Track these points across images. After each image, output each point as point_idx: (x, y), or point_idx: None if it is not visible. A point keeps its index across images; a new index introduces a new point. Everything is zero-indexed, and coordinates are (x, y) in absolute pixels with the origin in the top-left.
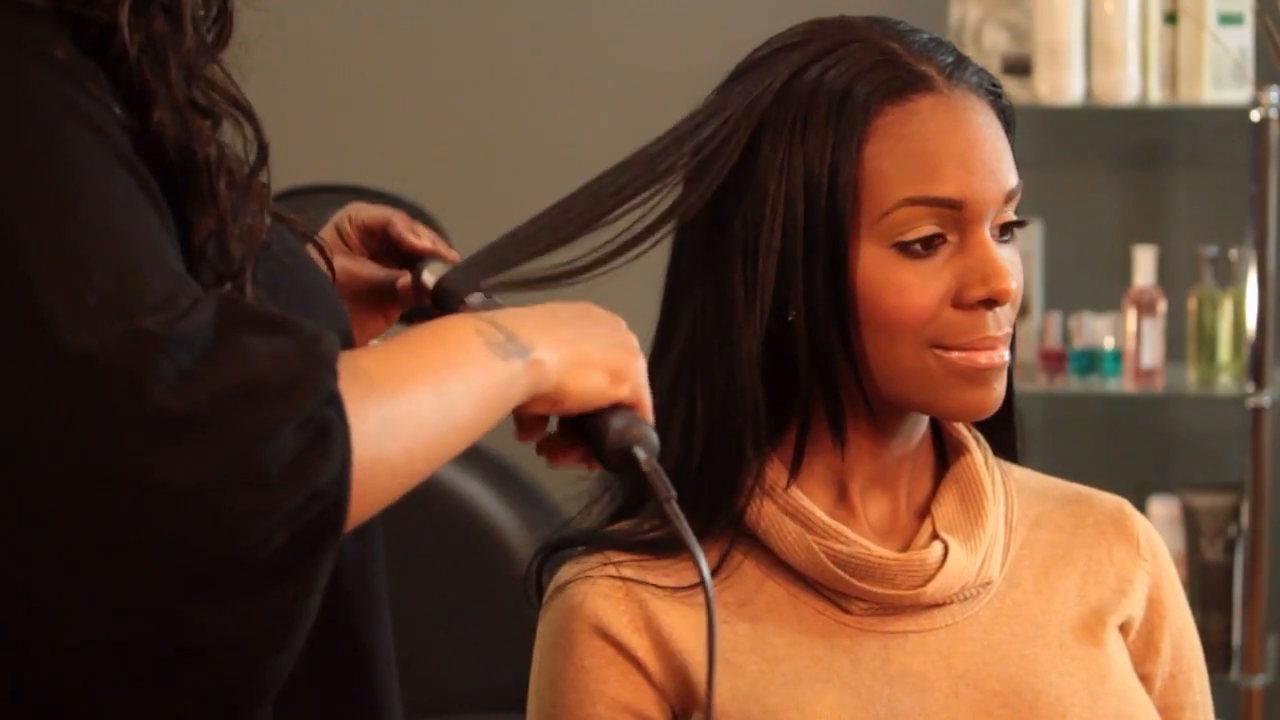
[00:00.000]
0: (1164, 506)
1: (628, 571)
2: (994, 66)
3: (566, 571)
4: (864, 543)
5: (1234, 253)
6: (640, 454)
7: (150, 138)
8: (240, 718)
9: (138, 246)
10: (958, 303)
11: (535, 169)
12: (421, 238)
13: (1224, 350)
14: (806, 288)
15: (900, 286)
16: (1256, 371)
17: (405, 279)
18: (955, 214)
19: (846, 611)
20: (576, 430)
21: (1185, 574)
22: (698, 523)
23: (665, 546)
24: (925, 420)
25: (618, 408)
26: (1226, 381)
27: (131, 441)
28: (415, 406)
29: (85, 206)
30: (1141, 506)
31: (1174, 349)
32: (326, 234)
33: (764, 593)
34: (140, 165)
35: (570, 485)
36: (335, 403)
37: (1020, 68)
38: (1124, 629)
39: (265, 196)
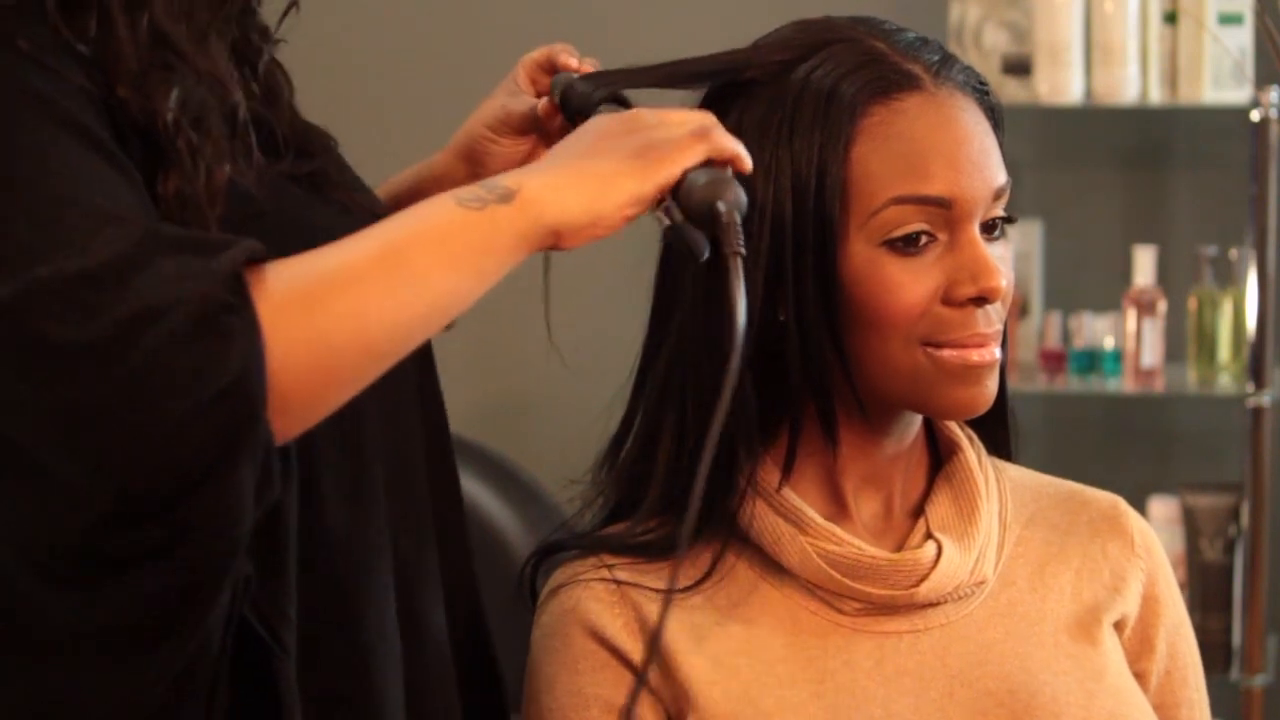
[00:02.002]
0: (1164, 506)
1: (621, 574)
2: (994, 66)
3: (561, 574)
4: (857, 543)
5: (1234, 253)
6: (721, 208)
7: (118, 101)
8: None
9: (63, 201)
10: (948, 300)
11: None
12: (578, 61)
13: (1224, 350)
14: (796, 288)
15: (890, 284)
16: (1256, 371)
17: (545, 102)
18: (944, 212)
19: (840, 612)
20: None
21: (1185, 574)
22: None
23: (659, 549)
24: (918, 419)
25: (700, 166)
26: (1226, 381)
27: (27, 371)
28: (357, 284)
29: (14, 172)
30: (1141, 506)
31: (1174, 349)
32: (504, 81)
33: (758, 594)
34: (92, 126)
35: (568, 486)
36: (234, 308)
37: (1020, 68)
38: (1119, 626)
39: (231, 153)
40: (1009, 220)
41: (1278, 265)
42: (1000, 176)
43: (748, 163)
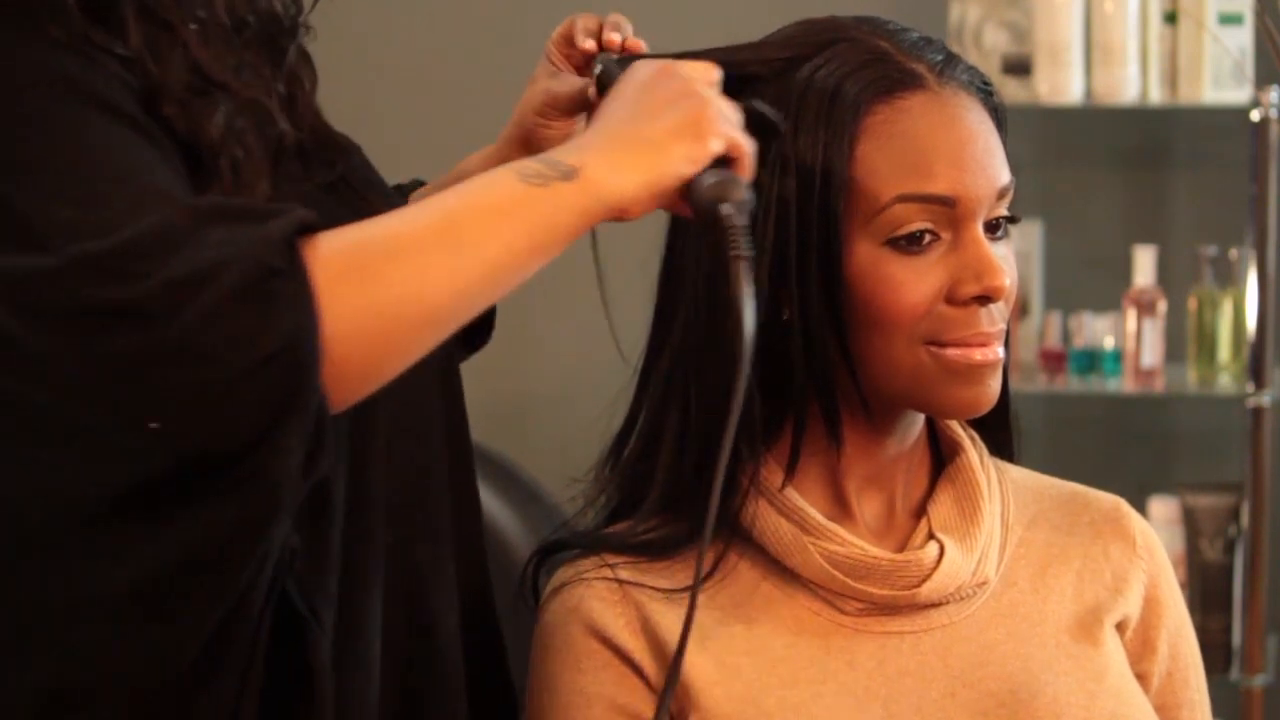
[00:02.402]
0: (1164, 506)
1: (624, 574)
2: (994, 66)
3: (563, 574)
4: (859, 543)
5: (1234, 253)
6: (725, 210)
7: (161, 116)
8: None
9: (103, 178)
10: (951, 299)
11: None
12: (618, 34)
13: (1224, 350)
14: (800, 287)
15: (894, 283)
16: (1256, 371)
17: (592, 86)
18: (948, 211)
19: (842, 612)
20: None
21: (1185, 574)
22: (694, 524)
23: (661, 548)
24: (920, 419)
25: (711, 166)
26: (1226, 381)
27: (74, 339)
28: (417, 254)
29: (53, 150)
30: (1141, 506)
31: (1174, 349)
32: (541, 61)
33: (760, 594)
34: (131, 107)
35: (569, 486)
36: (284, 273)
37: (1020, 68)
38: (1120, 627)
39: (270, 178)
40: (1012, 220)
41: (1278, 265)
42: (1004, 176)
43: (750, 172)
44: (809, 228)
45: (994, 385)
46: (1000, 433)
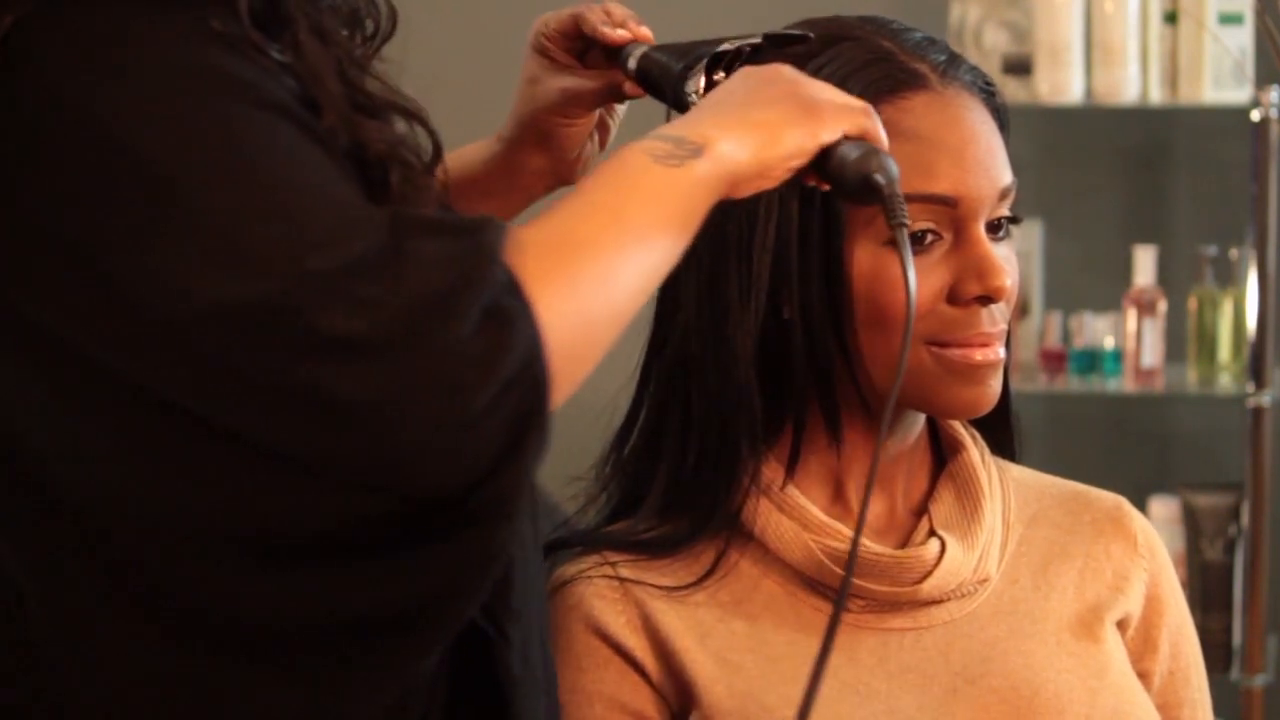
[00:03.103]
0: (1164, 506)
1: (625, 571)
2: (994, 66)
3: (564, 571)
4: (861, 540)
5: (1234, 253)
6: (879, 179)
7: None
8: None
9: (299, 189)
10: (953, 299)
11: None
12: (617, 27)
13: (1224, 350)
14: (801, 286)
15: (896, 283)
16: (1256, 371)
17: (629, 84)
18: (950, 211)
19: (844, 609)
20: (815, 170)
21: (1185, 574)
22: (694, 522)
23: (662, 546)
24: (921, 418)
25: (844, 140)
26: (1226, 381)
27: (311, 370)
28: (599, 254)
29: (243, 162)
30: (1141, 506)
31: (1174, 349)
32: (530, 60)
33: (761, 591)
34: (304, 113)
35: (570, 484)
36: (509, 289)
37: (1020, 68)
38: (1121, 626)
39: (438, 191)
40: (1014, 220)
41: (1278, 265)
42: (1006, 176)
43: (885, 140)
44: (810, 227)
45: (995, 385)
46: (1001, 432)
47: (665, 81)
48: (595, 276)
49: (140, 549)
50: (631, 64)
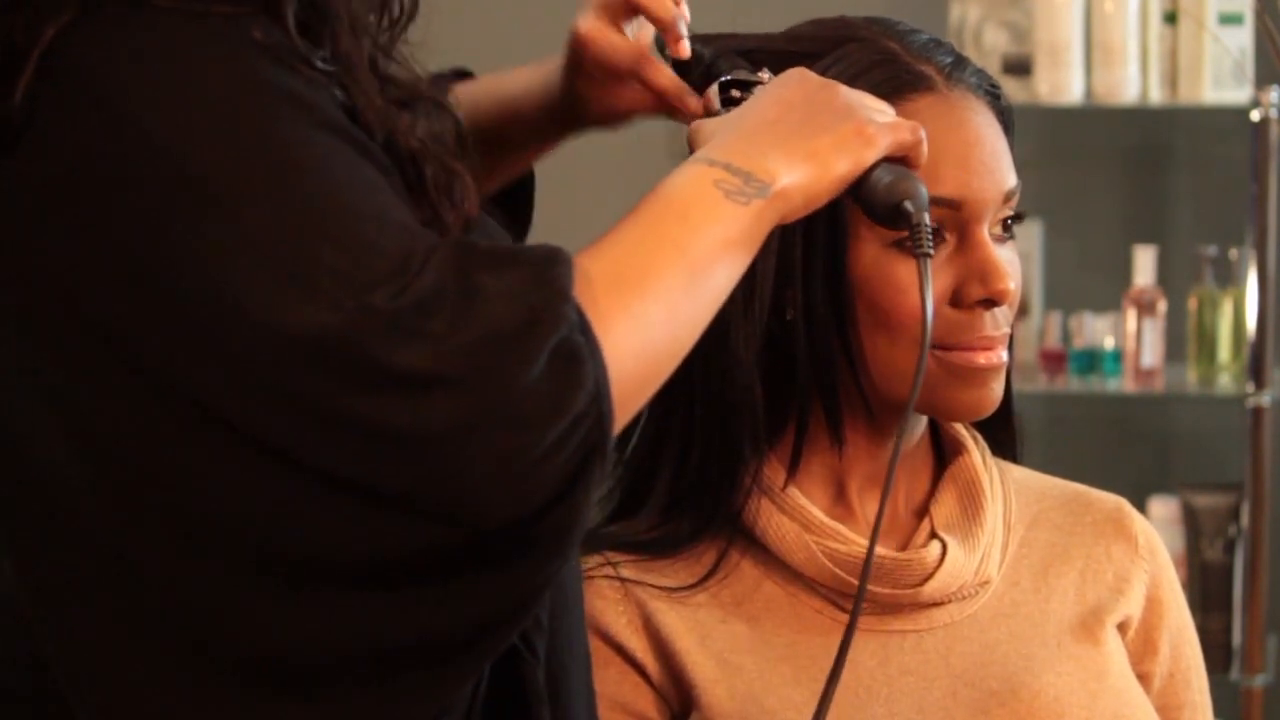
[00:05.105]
0: (1164, 506)
1: (626, 572)
2: (994, 66)
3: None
4: (862, 541)
5: (1234, 253)
6: (909, 207)
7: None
8: (502, 633)
9: (362, 217)
10: (956, 302)
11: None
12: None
13: (1224, 350)
14: (805, 288)
15: (899, 285)
16: (1256, 371)
17: (713, 99)
18: (954, 214)
19: (845, 611)
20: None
21: (1185, 574)
22: (696, 522)
23: (664, 547)
24: (923, 420)
25: (881, 163)
26: (1226, 381)
27: (375, 402)
28: (665, 290)
29: (306, 186)
30: (1141, 506)
31: (1174, 349)
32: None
33: (762, 592)
34: (355, 130)
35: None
36: (578, 326)
37: (1020, 68)
38: (1122, 628)
39: (471, 180)
40: (1017, 219)
41: (1278, 265)
42: (1011, 179)
43: (925, 158)
44: (815, 228)
45: (997, 388)
46: (1002, 433)
47: (707, 75)
48: (661, 313)
49: (165, 572)
50: (714, 76)
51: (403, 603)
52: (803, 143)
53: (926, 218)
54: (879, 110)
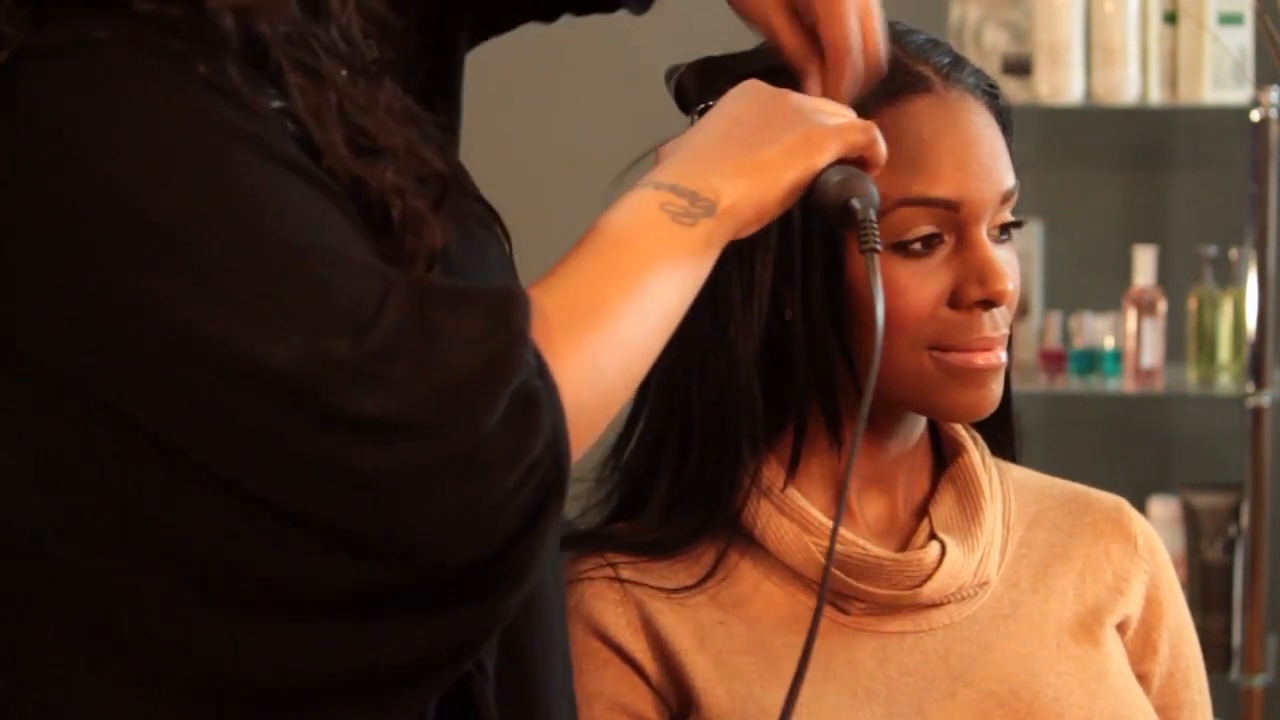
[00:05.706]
0: (1164, 506)
1: (625, 573)
2: (994, 66)
3: (565, 572)
4: (861, 542)
5: (1234, 253)
6: (855, 205)
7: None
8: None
9: (319, 257)
10: (955, 303)
11: (539, 171)
12: None
13: (1224, 350)
14: (804, 289)
15: (897, 287)
16: (1256, 371)
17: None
18: (952, 215)
19: (844, 611)
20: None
21: (1185, 574)
22: (695, 523)
23: (663, 548)
24: (922, 420)
25: (833, 165)
26: (1226, 381)
27: (331, 445)
28: (619, 323)
29: (263, 222)
30: (1141, 506)
31: (1174, 349)
32: None
33: (761, 593)
34: (309, 163)
35: (571, 485)
36: (536, 370)
37: (1020, 68)
38: (1121, 628)
39: (440, 228)
40: (1017, 224)
41: (1278, 265)
42: (1009, 180)
43: (883, 157)
44: (812, 230)
45: (996, 389)
46: (1002, 433)
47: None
48: (615, 346)
49: (117, 597)
50: (671, 80)
51: (358, 635)
52: (750, 154)
53: (873, 214)
54: (832, 114)
